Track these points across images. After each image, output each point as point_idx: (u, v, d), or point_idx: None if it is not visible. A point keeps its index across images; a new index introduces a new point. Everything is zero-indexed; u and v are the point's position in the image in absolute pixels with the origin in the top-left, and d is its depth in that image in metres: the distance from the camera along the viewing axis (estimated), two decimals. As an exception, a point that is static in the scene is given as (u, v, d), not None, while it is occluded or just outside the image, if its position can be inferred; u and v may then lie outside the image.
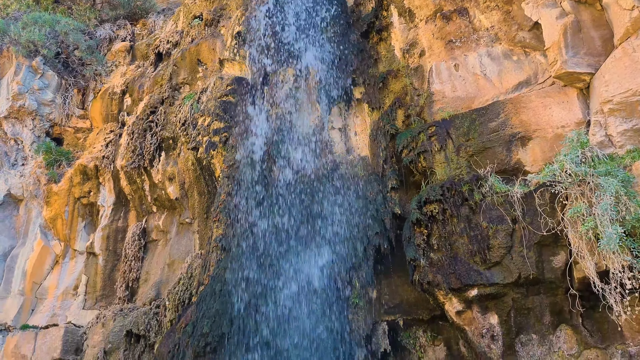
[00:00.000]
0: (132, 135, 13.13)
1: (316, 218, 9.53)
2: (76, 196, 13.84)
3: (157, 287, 12.15)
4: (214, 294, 8.75)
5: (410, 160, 9.07)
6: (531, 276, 7.35)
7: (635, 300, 6.47)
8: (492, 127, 8.39)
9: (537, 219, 7.34)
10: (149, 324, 11.06)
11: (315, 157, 10.31)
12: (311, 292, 8.89)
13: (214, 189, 11.53)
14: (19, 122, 14.79)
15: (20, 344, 12.32)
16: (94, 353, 11.46)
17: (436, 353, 8.47)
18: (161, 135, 12.55)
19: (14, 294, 13.36)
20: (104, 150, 13.78)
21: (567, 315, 7.43)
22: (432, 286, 7.99)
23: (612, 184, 6.44)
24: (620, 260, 6.27)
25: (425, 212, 8.27)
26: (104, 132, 14.46)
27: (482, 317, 7.74)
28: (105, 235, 13.34)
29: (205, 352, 8.19)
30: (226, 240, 9.42)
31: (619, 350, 7.00)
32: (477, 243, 7.75)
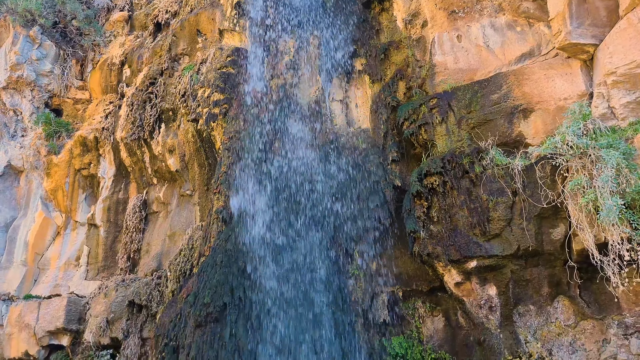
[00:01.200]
0: (131, 107, 13.05)
1: (316, 191, 9.53)
2: (76, 168, 13.85)
3: (158, 258, 12.25)
4: (215, 264, 8.80)
5: (411, 132, 9.04)
6: (530, 248, 7.39)
7: (633, 272, 6.53)
8: (494, 99, 8.33)
9: (538, 192, 7.35)
10: (150, 294, 11.18)
11: (315, 129, 10.26)
12: (312, 264, 8.95)
13: (214, 161, 11.52)
14: (17, 93, 14.70)
15: (24, 313, 12.48)
16: (97, 322, 11.61)
17: (435, 323, 8.56)
18: (161, 106, 12.48)
19: (16, 264, 13.49)
20: (103, 122, 13.72)
21: (565, 286, 7.51)
22: (431, 258, 8.04)
23: (613, 156, 6.42)
24: (620, 232, 6.30)
25: (425, 184, 8.27)
26: (104, 104, 14.38)
27: (481, 289, 7.82)
28: (106, 207, 13.39)
29: (206, 321, 8.28)
30: (227, 212, 9.44)
31: (615, 321, 7.09)
32: (477, 215, 7.78)
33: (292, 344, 8.16)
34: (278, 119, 10.24)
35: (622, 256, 6.39)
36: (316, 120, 10.34)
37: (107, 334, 11.43)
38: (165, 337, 8.78)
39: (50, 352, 12.30)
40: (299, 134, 10.15)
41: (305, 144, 10.04)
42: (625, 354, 6.90)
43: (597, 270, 6.78)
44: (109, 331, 11.44)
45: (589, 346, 7.20)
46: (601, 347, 7.11)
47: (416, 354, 8.24)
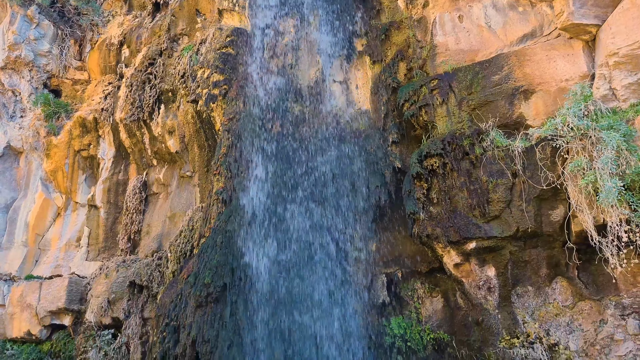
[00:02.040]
0: (130, 88, 12.98)
1: (316, 172, 9.52)
2: (76, 149, 13.82)
3: (159, 240, 12.29)
4: (215, 245, 8.84)
5: (411, 114, 9.00)
6: (529, 229, 7.42)
7: (631, 253, 6.56)
8: (495, 81, 8.28)
9: (537, 173, 7.35)
10: (151, 275, 11.24)
11: (315, 111, 10.21)
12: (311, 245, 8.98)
13: (214, 142, 11.49)
14: (15, 73, 14.60)
15: (25, 293, 12.56)
16: (98, 303, 11.70)
17: (433, 304, 8.62)
18: (160, 87, 12.41)
19: (17, 245, 13.54)
20: (102, 103, 13.65)
21: (563, 267, 7.56)
22: (431, 239, 8.07)
23: (613, 137, 6.41)
24: (619, 213, 6.32)
25: (425, 166, 8.27)
26: (102, 84, 14.30)
27: (480, 270, 7.86)
28: (106, 188, 13.39)
29: (207, 301, 8.34)
30: (227, 193, 9.45)
31: (612, 301, 7.15)
32: (476, 197, 7.79)
33: (291, 324, 8.22)
34: (278, 100, 10.18)
35: (621, 237, 6.42)
36: (316, 102, 10.29)
37: (109, 314, 11.52)
38: (166, 317, 8.85)
39: (53, 331, 12.41)
40: (299, 115, 10.10)
41: (305, 125, 10.00)
42: (622, 334, 6.96)
43: (596, 252, 6.82)
44: (110, 311, 11.53)
45: (586, 326, 7.26)
46: (598, 328, 7.18)
47: (415, 334, 8.31)
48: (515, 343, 7.52)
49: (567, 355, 7.26)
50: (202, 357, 7.97)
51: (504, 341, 7.59)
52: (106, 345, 11.08)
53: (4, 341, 12.50)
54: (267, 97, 10.25)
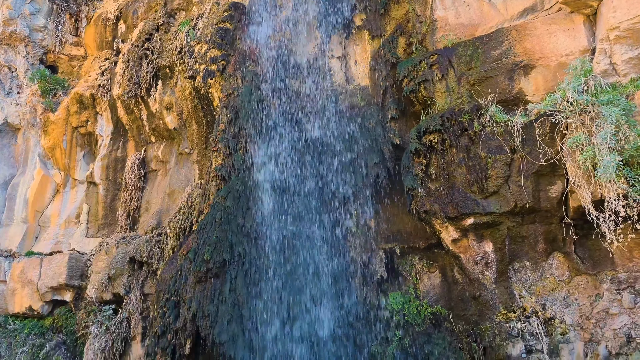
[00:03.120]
0: (127, 64, 12.87)
1: (315, 149, 9.50)
2: (74, 125, 13.77)
3: (158, 216, 12.33)
4: (214, 222, 8.86)
5: (410, 89, 8.95)
6: (527, 205, 7.45)
7: (628, 228, 6.60)
8: (495, 56, 8.23)
9: (536, 149, 7.35)
10: (151, 251, 11.30)
11: (314, 87, 10.15)
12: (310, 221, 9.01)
13: (212, 118, 11.44)
14: (11, 49, 14.46)
15: (26, 269, 12.64)
16: (99, 279, 11.79)
17: (431, 279, 8.69)
18: (157, 63, 12.30)
19: (17, 221, 13.59)
20: (99, 79, 13.55)
21: (560, 243, 7.61)
22: (429, 215, 8.11)
23: (613, 112, 6.40)
24: (616, 188, 6.34)
25: (424, 142, 8.26)
26: (99, 60, 14.17)
27: (477, 245, 7.91)
28: (104, 165, 13.38)
29: (206, 277, 8.41)
30: (225, 170, 9.44)
31: (609, 276, 7.22)
32: (475, 173, 7.80)
33: (290, 298, 8.30)
34: (276, 75, 10.11)
35: (618, 212, 6.46)
36: (315, 77, 10.22)
37: (109, 290, 11.62)
38: (166, 292, 8.93)
39: (54, 307, 12.53)
40: (297, 91, 10.05)
41: (304, 101, 9.95)
42: (618, 308, 7.05)
43: (593, 227, 6.86)
44: (111, 287, 11.63)
45: (582, 300, 7.35)
46: (594, 302, 7.27)
47: (412, 309, 8.39)
48: (512, 317, 7.62)
49: (562, 329, 7.36)
50: (202, 332, 8.07)
51: (500, 315, 7.69)
52: (107, 320, 11.20)
53: (6, 317, 12.62)
54: (266, 73, 10.17)
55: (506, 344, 7.47)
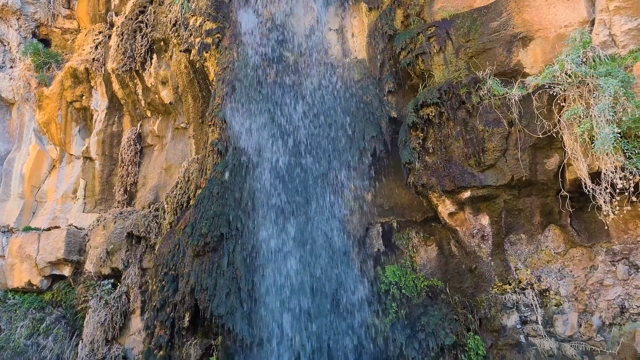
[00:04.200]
0: (121, 37, 12.70)
1: (312, 121, 9.46)
2: (68, 100, 13.64)
3: (155, 191, 12.32)
4: (212, 196, 8.87)
5: (408, 62, 8.87)
6: (524, 178, 7.46)
7: (623, 200, 6.62)
8: (493, 27, 8.13)
9: (534, 122, 7.32)
10: (148, 226, 11.33)
11: (310, 60, 10.05)
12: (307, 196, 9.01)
13: (208, 93, 11.35)
14: (3, 22, 14.23)
15: (24, 244, 12.68)
16: (97, 253, 11.83)
17: (428, 252, 8.75)
18: (152, 36, 12.14)
19: (14, 197, 13.56)
20: (93, 53, 13.38)
21: (556, 215, 7.64)
22: (426, 188, 8.11)
23: (611, 84, 6.35)
24: (613, 160, 6.33)
25: (421, 115, 8.22)
26: (93, 34, 13.97)
27: (474, 218, 7.94)
28: (100, 140, 13.31)
29: (204, 251, 8.44)
30: (222, 144, 9.40)
31: (603, 248, 7.27)
32: (472, 146, 7.78)
33: (288, 272, 8.35)
34: (273, 49, 9.99)
35: (615, 185, 6.47)
36: (311, 51, 10.11)
37: (108, 265, 11.68)
38: (164, 266, 8.98)
39: (53, 281, 12.61)
40: (294, 64, 9.95)
41: (301, 74, 9.85)
42: (612, 279, 7.12)
43: (589, 200, 6.88)
44: (109, 262, 11.68)
45: (576, 272, 7.41)
46: (589, 273, 7.33)
47: (409, 281, 8.47)
48: (507, 289, 7.69)
49: (557, 300, 7.44)
50: (201, 305, 8.14)
51: (496, 287, 7.76)
52: (106, 295, 11.29)
53: (5, 291, 12.70)
54: (262, 46, 10.05)
55: (501, 315, 7.55)
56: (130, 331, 11.01)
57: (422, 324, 7.97)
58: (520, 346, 7.32)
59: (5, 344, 11.52)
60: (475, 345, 7.55)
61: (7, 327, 11.87)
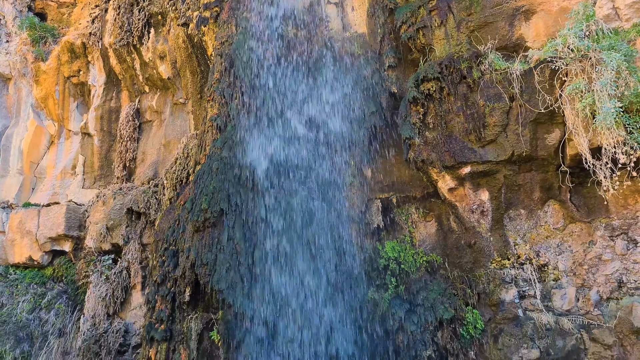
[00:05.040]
0: (118, 11, 12.53)
1: (311, 97, 9.39)
2: (66, 75, 13.52)
3: (154, 167, 12.31)
4: (211, 172, 8.85)
5: (409, 36, 8.77)
6: (524, 153, 7.44)
7: (624, 175, 6.62)
8: (495, 0, 8.02)
9: (535, 97, 7.27)
10: (148, 202, 11.34)
11: (310, 34, 9.92)
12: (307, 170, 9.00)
13: (207, 68, 11.25)
14: (-2, -4, 14.05)
15: (24, 220, 12.70)
16: (97, 229, 11.87)
17: (427, 228, 8.77)
18: (149, 10, 11.97)
19: (12, 172, 13.55)
20: (90, 27, 13.22)
21: (556, 191, 7.64)
22: (426, 164, 8.10)
23: (614, 58, 6.29)
24: (615, 135, 6.31)
25: (422, 90, 8.15)
26: (89, 7, 13.78)
27: (474, 194, 7.94)
28: (98, 116, 13.23)
29: (204, 226, 8.46)
30: (221, 120, 9.35)
31: (602, 223, 7.29)
32: (472, 121, 7.74)
33: (288, 248, 8.37)
34: (272, 22, 9.86)
35: (615, 160, 6.45)
36: (311, 25, 9.98)
37: (108, 240, 11.72)
38: (164, 242, 9.01)
39: (54, 257, 12.67)
40: (293, 38, 9.83)
41: (299, 48, 9.75)
42: (610, 254, 7.16)
43: (589, 175, 6.88)
44: (110, 237, 11.72)
45: (575, 247, 7.45)
46: (587, 248, 7.37)
47: (408, 257, 8.50)
48: (506, 264, 7.73)
49: (555, 275, 7.49)
50: (201, 279, 8.18)
51: (495, 262, 7.80)
52: (107, 270, 11.36)
53: (7, 267, 12.77)
54: (261, 20, 9.92)
55: (500, 290, 7.61)
56: (131, 306, 11.11)
57: (421, 299, 8.03)
58: (518, 320, 7.39)
59: (8, 318, 11.63)
60: (474, 319, 7.63)
61: (9, 302, 11.97)
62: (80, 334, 10.95)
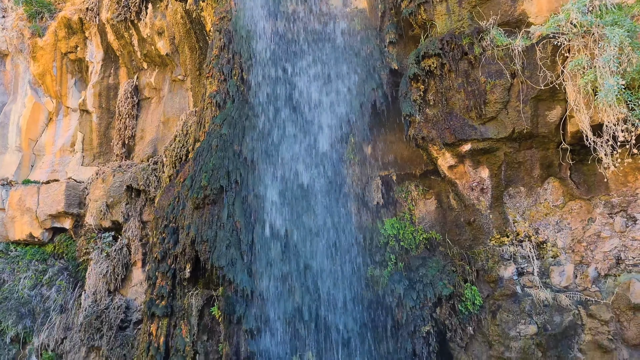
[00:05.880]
0: (115, -15, 12.36)
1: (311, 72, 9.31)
2: (63, 51, 13.38)
3: (154, 145, 12.27)
4: (210, 149, 8.82)
5: (409, 12, 8.66)
6: (525, 131, 7.41)
7: (624, 152, 6.61)
8: (498, -25, 7.90)
9: (537, 73, 7.22)
10: (147, 179, 11.33)
11: (310, 10, 9.80)
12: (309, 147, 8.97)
13: (206, 44, 11.13)
14: (-7, -30, 13.83)
15: (24, 197, 12.70)
16: (97, 206, 11.88)
17: (427, 206, 8.79)
18: (146, -16, 11.82)
19: (11, 149, 13.50)
20: (87, 2, 13.03)
21: (556, 168, 7.63)
22: (426, 141, 8.07)
23: (617, 34, 6.22)
24: (616, 112, 6.28)
25: (423, 66, 8.08)
26: (86, -18, 13.59)
27: (474, 171, 7.93)
28: (96, 93, 13.13)
29: (204, 203, 8.46)
30: (220, 97, 9.29)
31: (602, 201, 7.30)
32: (473, 98, 7.69)
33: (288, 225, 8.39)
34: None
35: (616, 137, 6.43)
36: (311, 0, 9.85)
37: (108, 217, 11.74)
38: (164, 219, 9.02)
39: (54, 234, 12.69)
40: (293, 14, 9.71)
41: (299, 24, 9.63)
42: (609, 231, 7.18)
43: (589, 152, 6.87)
44: (110, 215, 11.74)
45: (574, 225, 7.47)
46: (586, 226, 7.39)
47: (408, 234, 8.54)
48: (505, 241, 7.76)
49: (554, 252, 7.53)
50: (201, 256, 8.22)
51: (494, 240, 7.83)
52: (107, 247, 11.40)
53: (7, 243, 12.81)
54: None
55: (498, 267, 7.65)
56: (132, 283, 11.18)
57: (420, 275, 8.08)
58: (516, 296, 7.45)
59: (9, 295, 11.72)
60: (472, 295, 7.69)
61: (10, 279, 12.04)
62: (82, 310, 11.04)
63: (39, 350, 11.13)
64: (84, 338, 10.72)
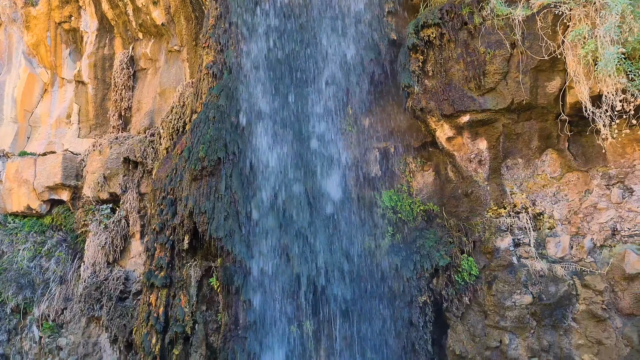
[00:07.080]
0: (109, -47, 12.11)
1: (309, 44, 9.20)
2: (57, 21, 13.18)
3: (150, 116, 12.19)
4: (208, 120, 8.77)
5: (409, -20, 8.53)
6: (524, 102, 7.38)
7: (623, 123, 6.60)
8: (499, -58, 7.75)
9: (537, 43, 7.15)
10: (145, 151, 11.29)
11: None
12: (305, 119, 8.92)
13: (202, 13, 10.97)
14: (-18, -64, 13.52)
15: (21, 169, 12.66)
16: (95, 178, 11.86)
17: (425, 178, 8.80)
18: (141, -48, 11.57)
19: (7, 121, 13.42)
20: (80, -31, 12.81)
21: (554, 140, 7.63)
22: (424, 113, 8.03)
23: (619, 2, 6.15)
24: (615, 82, 6.25)
25: (422, 36, 7.99)
26: (78, -51, 13.30)
27: (472, 143, 7.93)
28: (92, 63, 12.98)
29: (202, 175, 8.46)
30: (217, 67, 9.19)
31: (599, 172, 7.32)
32: (473, 69, 7.64)
33: (284, 196, 8.41)
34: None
35: (615, 107, 6.41)
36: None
37: (106, 189, 11.74)
38: (162, 190, 9.02)
39: (52, 206, 12.70)
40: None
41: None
42: (606, 202, 7.22)
43: (588, 124, 6.86)
44: (107, 186, 11.73)
45: (571, 196, 7.50)
46: (583, 197, 7.42)
47: (405, 206, 8.56)
48: (502, 213, 7.80)
49: (550, 224, 7.57)
50: (199, 228, 8.25)
51: (491, 211, 7.87)
52: (106, 219, 11.42)
53: (5, 215, 12.83)
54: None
55: (495, 238, 7.70)
56: (130, 254, 11.25)
57: (417, 247, 8.14)
58: (512, 267, 7.52)
59: (9, 266, 11.79)
60: (469, 266, 7.76)
61: (9, 250, 12.10)
62: (81, 281, 11.13)
63: (40, 320, 11.26)
64: (83, 309, 10.84)
